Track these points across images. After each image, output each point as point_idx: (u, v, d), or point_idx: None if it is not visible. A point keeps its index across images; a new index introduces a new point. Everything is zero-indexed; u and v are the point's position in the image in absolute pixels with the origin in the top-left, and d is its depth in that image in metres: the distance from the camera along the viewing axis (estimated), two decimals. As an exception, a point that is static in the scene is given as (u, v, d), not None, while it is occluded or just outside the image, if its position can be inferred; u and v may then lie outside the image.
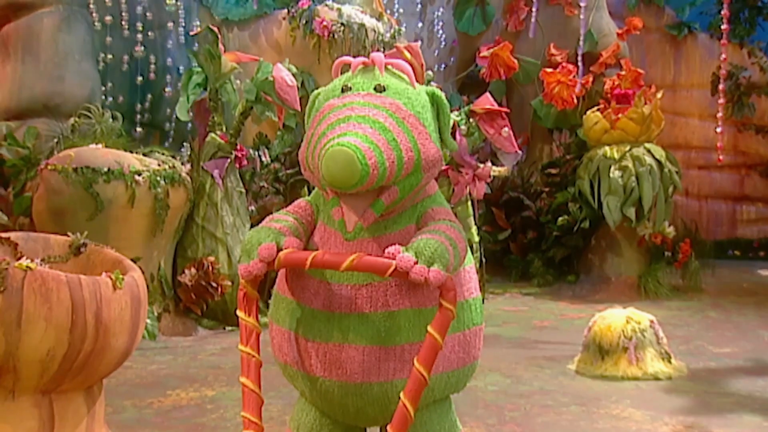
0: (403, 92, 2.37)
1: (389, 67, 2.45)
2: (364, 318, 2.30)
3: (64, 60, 7.08)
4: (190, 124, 7.45)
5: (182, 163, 6.63)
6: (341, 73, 2.51)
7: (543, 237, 9.32)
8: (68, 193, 5.74)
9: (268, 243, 2.27)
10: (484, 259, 7.95)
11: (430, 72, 7.11)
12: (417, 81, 2.60)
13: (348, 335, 2.30)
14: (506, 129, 7.07)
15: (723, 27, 6.80)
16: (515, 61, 9.83)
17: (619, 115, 8.51)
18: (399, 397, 2.24)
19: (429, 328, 2.15)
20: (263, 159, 7.62)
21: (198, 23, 7.95)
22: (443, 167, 7.34)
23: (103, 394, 2.86)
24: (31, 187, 6.02)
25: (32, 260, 2.59)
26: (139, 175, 5.93)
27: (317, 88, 2.54)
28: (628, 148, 8.45)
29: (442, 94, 2.48)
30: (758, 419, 4.09)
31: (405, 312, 2.32)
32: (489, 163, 7.54)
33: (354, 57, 2.50)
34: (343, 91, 2.37)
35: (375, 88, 2.35)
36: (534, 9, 9.46)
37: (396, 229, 2.36)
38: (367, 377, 2.31)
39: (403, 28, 9.12)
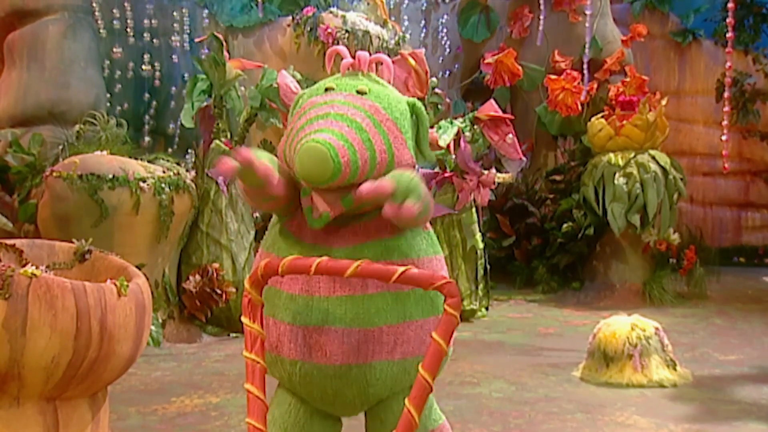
0: (383, 97, 2.43)
1: (371, 74, 2.51)
2: (344, 300, 2.35)
3: (69, 67, 7.08)
4: (195, 131, 7.45)
5: (187, 170, 6.64)
6: (333, 63, 2.58)
7: (547, 244, 9.31)
8: (73, 199, 5.75)
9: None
10: (488, 266, 7.95)
11: (434, 79, 7.13)
12: (422, 88, 2.62)
13: (328, 317, 2.34)
14: (510, 136, 7.08)
15: (728, 35, 6.80)
16: (519, 67, 9.83)
17: (624, 122, 8.50)
18: (378, 380, 2.35)
19: (433, 334, 2.15)
20: (268, 166, 7.62)
21: (203, 30, 7.96)
22: (447, 174, 7.36)
23: (108, 400, 2.86)
24: (36, 193, 6.03)
25: (37, 267, 2.59)
26: (144, 181, 5.94)
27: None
28: (632, 154, 8.44)
29: (422, 107, 2.54)
30: (764, 427, 4.08)
31: (383, 295, 2.37)
32: (493, 170, 7.56)
33: (350, 51, 2.55)
34: (326, 90, 2.44)
35: (357, 91, 2.41)
36: (541, 17, 9.47)
37: (372, 218, 2.41)
38: (346, 359, 2.35)
39: (408, 35, 9.12)
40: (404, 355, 2.38)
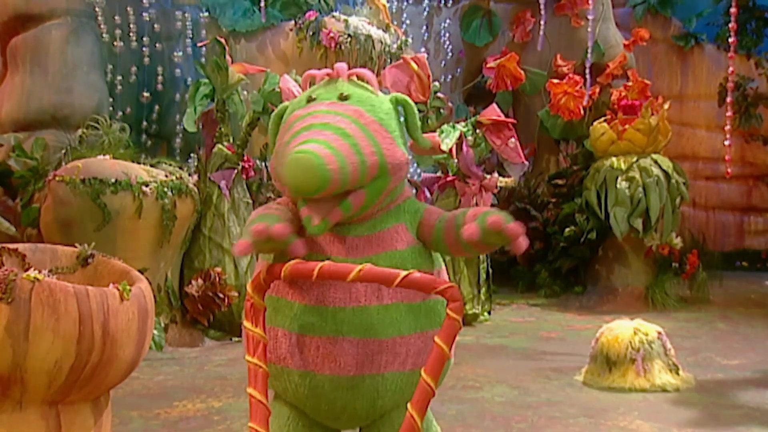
0: (366, 100, 2.43)
1: (354, 78, 2.51)
2: (359, 311, 2.34)
3: (72, 71, 7.10)
4: (197, 136, 7.46)
5: (189, 174, 6.64)
6: (310, 86, 2.59)
7: (550, 248, 9.30)
8: (76, 204, 5.76)
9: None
10: (490, 270, 7.95)
11: (436, 83, 7.13)
12: (424, 92, 2.64)
13: (342, 328, 2.34)
14: (513, 140, 7.08)
15: (731, 40, 6.78)
16: (522, 71, 9.84)
17: (626, 126, 8.50)
18: (387, 391, 2.35)
19: (436, 339, 2.15)
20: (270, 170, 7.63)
21: (205, 35, 7.97)
22: (450, 178, 7.36)
23: (110, 405, 2.86)
24: (39, 198, 6.04)
25: (40, 271, 2.59)
26: (147, 186, 5.94)
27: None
28: (635, 158, 8.44)
29: (407, 98, 2.55)
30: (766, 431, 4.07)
31: (397, 306, 2.37)
32: (495, 174, 7.56)
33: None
34: (308, 101, 2.44)
35: (339, 97, 2.41)
36: (542, 22, 9.48)
37: (385, 228, 2.43)
38: (359, 370, 2.35)
39: (410, 39, 9.14)
40: (414, 366, 2.38)
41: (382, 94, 2.53)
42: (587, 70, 9.44)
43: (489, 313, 7.81)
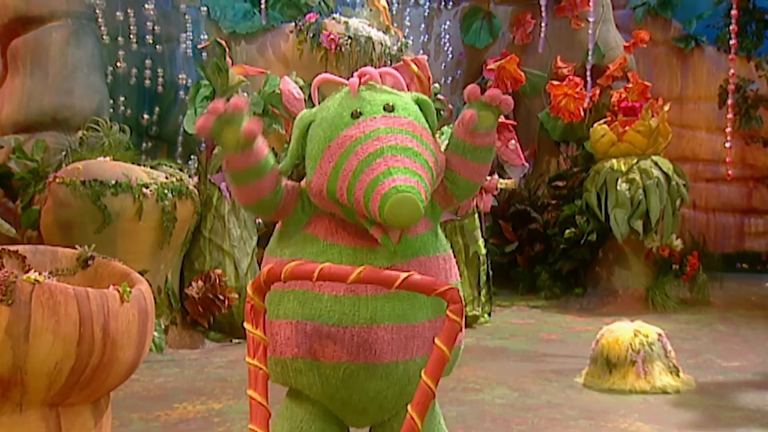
0: (407, 107, 2.41)
1: (374, 83, 2.47)
2: (391, 297, 2.36)
3: (72, 73, 7.10)
4: (197, 137, 7.45)
5: (190, 176, 6.65)
6: (318, 90, 2.56)
7: (550, 250, 9.30)
8: (76, 205, 5.76)
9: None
10: (491, 272, 7.95)
11: (437, 85, 7.13)
12: (424, 93, 2.64)
13: (376, 316, 2.35)
14: (513, 142, 7.09)
15: (731, 42, 6.77)
16: (522, 73, 9.85)
17: (626, 128, 8.50)
18: (418, 377, 2.31)
19: (436, 340, 2.16)
20: (270, 172, 7.63)
21: (206, 36, 7.97)
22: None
23: (110, 407, 2.86)
24: (39, 200, 6.04)
25: (40, 273, 2.59)
26: (147, 187, 5.94)
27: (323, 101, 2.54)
28: (635, 160, 8.44)
29: (425, 97, 2.55)
30: (767, 433, 4.07)
31: None
32: (496, 176, 7.56)
33: (338, 75, 2.55)
34: (353, 117, 2.35)
35: (384, 108, 2.36)
36: (543, 24, 9.48)
37: None
38: (394, 356, 2.37)
39: (410, 41, 9.14)
40: None
41: (402, 93, 2.50)
42: (587, 72, 9.44)
43: (489, 315, 7.81)
